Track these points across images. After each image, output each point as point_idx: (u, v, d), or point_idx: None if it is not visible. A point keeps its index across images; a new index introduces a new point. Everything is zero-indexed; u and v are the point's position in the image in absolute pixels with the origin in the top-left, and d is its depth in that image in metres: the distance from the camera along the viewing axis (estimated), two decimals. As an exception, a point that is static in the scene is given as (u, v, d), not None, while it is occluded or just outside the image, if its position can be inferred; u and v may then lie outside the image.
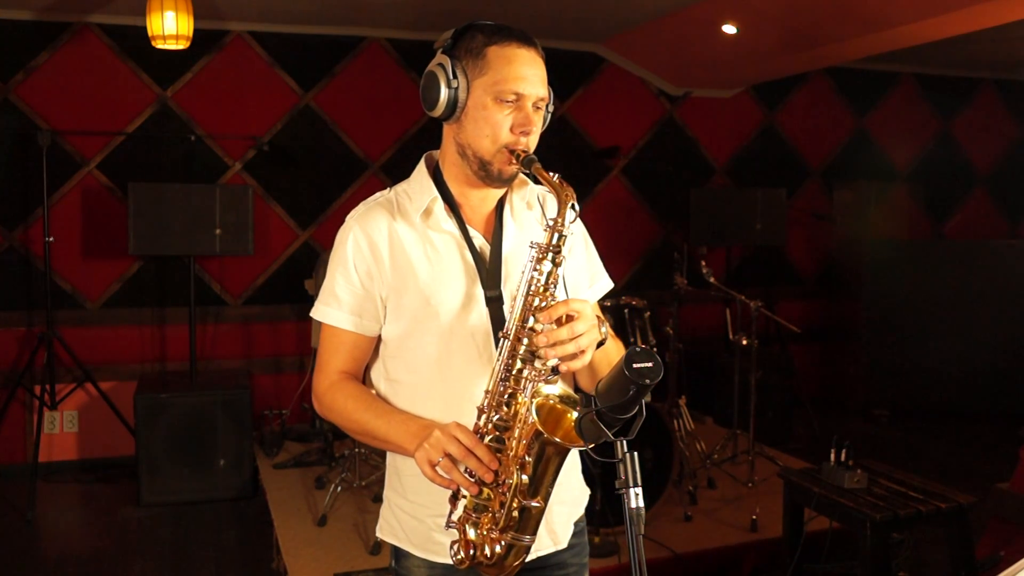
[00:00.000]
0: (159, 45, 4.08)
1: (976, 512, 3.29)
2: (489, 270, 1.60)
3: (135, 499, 4.53)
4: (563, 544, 1.69)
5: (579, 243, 1.75)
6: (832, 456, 3.35)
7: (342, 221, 1.66)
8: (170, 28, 4.00)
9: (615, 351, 1.63)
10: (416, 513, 1.64)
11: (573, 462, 1.70)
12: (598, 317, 1.51)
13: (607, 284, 1.81)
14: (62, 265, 5.05)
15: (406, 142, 5.58)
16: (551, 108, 1.63)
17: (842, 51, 5.10)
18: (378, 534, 1.73)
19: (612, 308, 4.11)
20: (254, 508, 4.50)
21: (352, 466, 4.34)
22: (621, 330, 4.08)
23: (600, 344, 1.50)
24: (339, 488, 4.19)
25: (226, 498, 4.59)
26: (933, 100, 6.98)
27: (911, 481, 3.35)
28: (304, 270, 5.27)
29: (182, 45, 4.11)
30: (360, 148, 5.55)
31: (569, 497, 1.70)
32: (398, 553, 1.69)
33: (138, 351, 5.24)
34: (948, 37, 4.48)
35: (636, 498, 1.28)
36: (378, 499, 4.19)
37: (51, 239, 4.70)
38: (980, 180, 7.20)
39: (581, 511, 1.75)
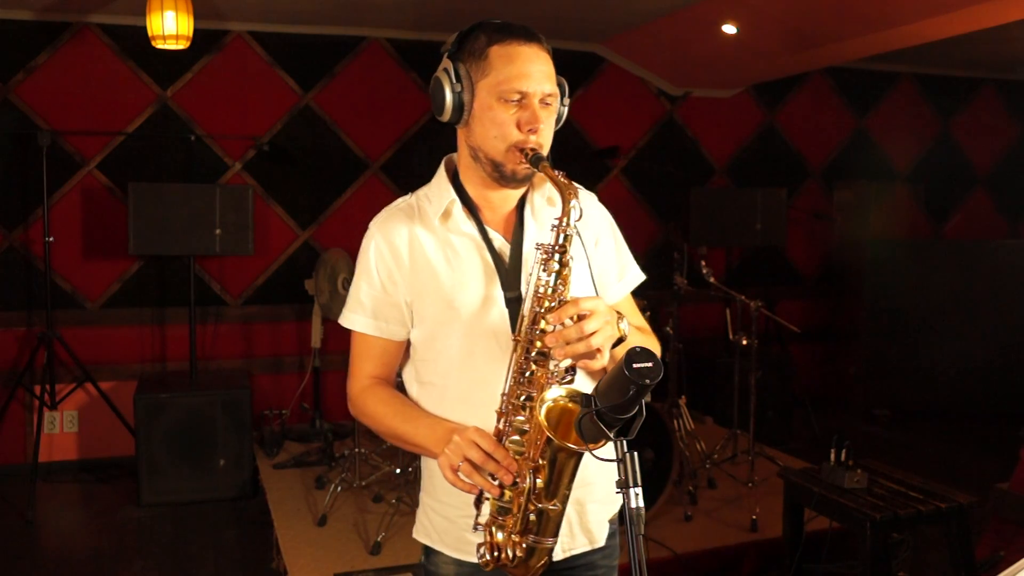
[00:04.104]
0: (159, 45, 4.08)
1: (976, 512, 3.29)
2: (509, 270, 1.59)
3: (135, 499, 4.53)
4: (600, 543, 1.67)
5: (607, 235, 1.73)
6: (832, 456, 3.35)
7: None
8: (170, 28, 4.00)
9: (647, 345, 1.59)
10: (447, 514, 1.64)
11: None
12: (617, 313, 1.48)
13: (638, 277, 1.78)
14: (62, 265, 5.05)
15: (406, 142, 5.56)
16: (565, 103, 1.61)
17: (842, 51, 5.10)
18: (414, 535, 1.73)
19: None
20: (254, 508, 4.49)
21: (352, 466, 4.34)
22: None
23: (620, 341, 1.47)
24: (339, 488, 4.19)
25: (226, 498, 4.59)
26: (933, 100, 6.98)
27: (911, 481, 3.35)
28: (304, 270, 5.26)
29: (182, 45, 4.11)
30: (360, 148, 5.55)
31: (603, 495, 1.67)
32: (428, 550, 1.70)
33: (138, 351, 5.25)
34: (948, 37, 4.47)
35: (636, 498, 1.28)
36: (378, 499, 4.20)
37: (51, 239, 4.70)
38: (980, 180, 7.19)
39: (616, 509, 1.71)
